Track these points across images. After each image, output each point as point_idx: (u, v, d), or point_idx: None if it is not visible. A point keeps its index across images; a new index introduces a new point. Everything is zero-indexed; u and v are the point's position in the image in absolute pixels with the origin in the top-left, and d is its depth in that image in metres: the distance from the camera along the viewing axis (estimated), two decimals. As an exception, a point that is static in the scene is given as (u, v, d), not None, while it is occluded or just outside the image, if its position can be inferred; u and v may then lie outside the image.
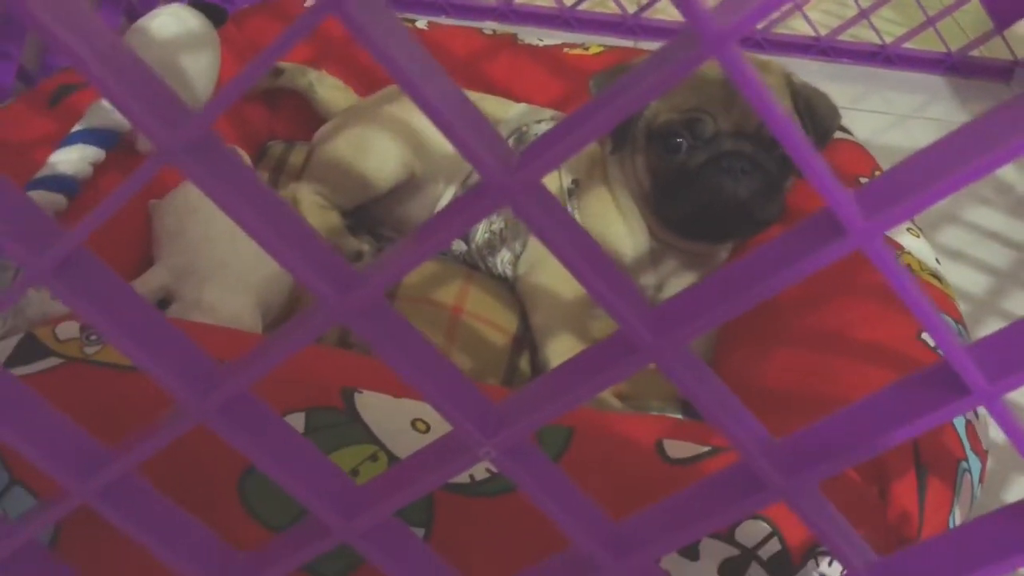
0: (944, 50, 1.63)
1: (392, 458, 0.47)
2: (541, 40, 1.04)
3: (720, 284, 0.33)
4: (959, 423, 0.55)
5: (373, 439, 0.47)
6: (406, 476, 0.38)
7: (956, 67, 1.64)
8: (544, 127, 0.85)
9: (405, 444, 0.47)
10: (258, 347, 0.35)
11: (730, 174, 0.70)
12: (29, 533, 0.41)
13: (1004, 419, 0.33)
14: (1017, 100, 0.30)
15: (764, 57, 0.78)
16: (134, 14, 1.10)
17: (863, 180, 0.81)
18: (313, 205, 0.83)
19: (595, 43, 1.07)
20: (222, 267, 0.66)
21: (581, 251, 0.32)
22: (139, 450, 0.38)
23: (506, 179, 0.30)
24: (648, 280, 0.81)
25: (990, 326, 1.06)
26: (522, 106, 0.92)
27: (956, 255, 1.16)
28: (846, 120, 1.15)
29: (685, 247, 0.79)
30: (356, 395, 0.49)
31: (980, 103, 1.57)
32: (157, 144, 0.31)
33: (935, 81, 1.63)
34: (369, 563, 0.44)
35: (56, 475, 0.39)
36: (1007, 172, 1.37)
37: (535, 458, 0.38)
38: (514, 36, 1.05)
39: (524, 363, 0.76)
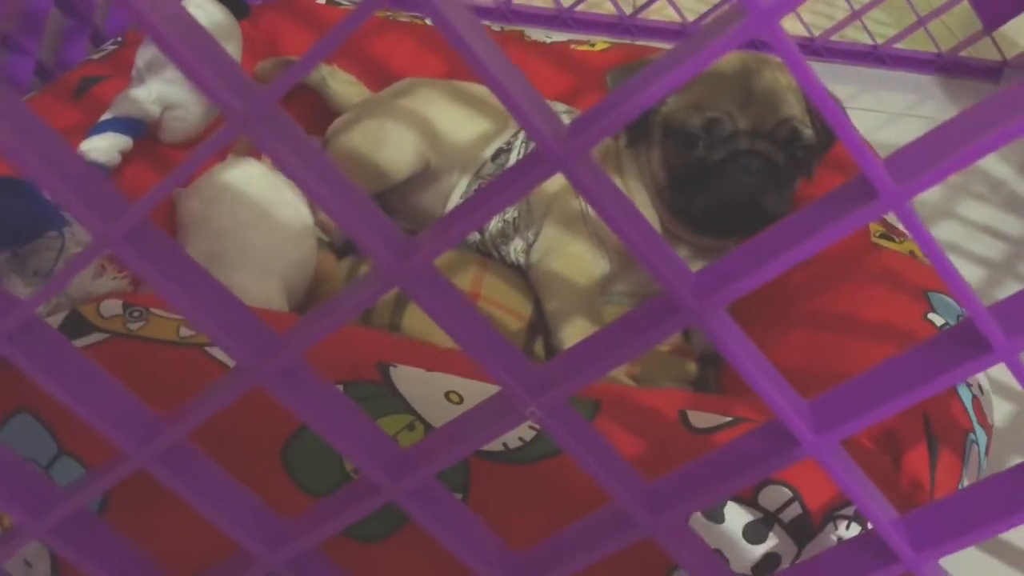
0: (935, 50, 1.66)
1: (428, 427, 0.49)
2: (548, 37, 1.07)
3: (757, 248, 0.35)
4: (966, 397, 0.58)
5: (410, 410, 0.49)
6: (453, 436, 0.40)
7: (946, 67, 1.67)
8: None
9: (440, 414, 0.49)
10: (318, 311, 0.37)
11: (746, 172, 0.72)
12: (85, 498, 0.43)
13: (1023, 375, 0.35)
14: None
15: (776, 58, 0.80)
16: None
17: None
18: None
19: (591, 39, 1.09)
20: (250, 252, 0.68)
21: (627, 217, 0.34)
22: (198, 413, 0.40)
23: (560, 148, 0.32)
24: None
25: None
26: (535, 99, 0.94)
27: (951, 248, 1.19)
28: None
29: (694, 240, 0.81)
30: (391, 369, 0.51)
31: (970, 102, 1.60)
32: (231, 115, 0.33)
33: (926, 80, 1.67)
34: (413, 522, 0.47)
35: (116, 440, 0.40)
36: (1000, 169, 1.40)
37: (575, 419, 0.40)
38: (521, 33, 1.07)
39: (539, 347, 0.78)
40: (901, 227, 0.76)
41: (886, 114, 1.54)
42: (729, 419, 0.51)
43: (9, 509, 0.43)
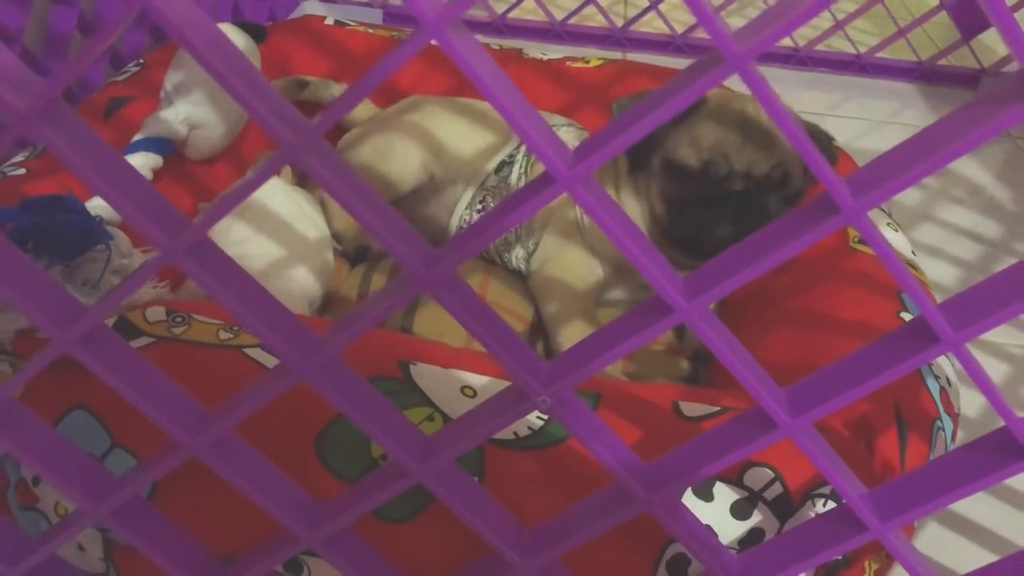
0: (915, 59, 1.72)
1: (446, 418, 0.54)
2: (544, 54, 1.12)
3: (737, 256, 0.40)
4: (934, 389, 0.63)
5: (429, 403, 0.54)
6: (473, 422, 0.45)
7: (926, 75, 1.73)
8: (558, 132, 0.92)
9: (456, 406, 0.54)
10: (354, 313, 0.42)
11: (737, 213, 0.78)
12: (143, 484, 0.48)
13: (968, 363, 0.40)
14: (972, 104, 0.38)
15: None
16: (159, 36, 1.17)
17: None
18: (339, 208, 0.90)
19: (585, 55, 1.15)
20: (274, 263, 0.73)
21: (626, 231, 0.39)
22: (247, 406, 0.45)
23: (567, 172, 0.38)
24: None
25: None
26: (536, 114, 0.99)
27: (933, 251, 1.24)
28: (825, 126, 1.23)
29: (679, 260, 0.87)
30: (411, 367, 0.56)
31: (949, 109, 1.64)
32: (284, 145, 0.38)
33: (907, 88, 1.72)
34: (435, 505, 0.52)
35: (172, 432, 0.45)
36: (978, 175, 1.46)
37: (580, 407, 0.45)
38: (520, 51, 1.12)
39: (540, 348, 0.83)
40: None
41: (869, 121, 1.59)
42: (717, 408, 0.57)
43: (73, 496, 0.48)
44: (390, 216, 0.41)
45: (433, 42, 0.35)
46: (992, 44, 1.79)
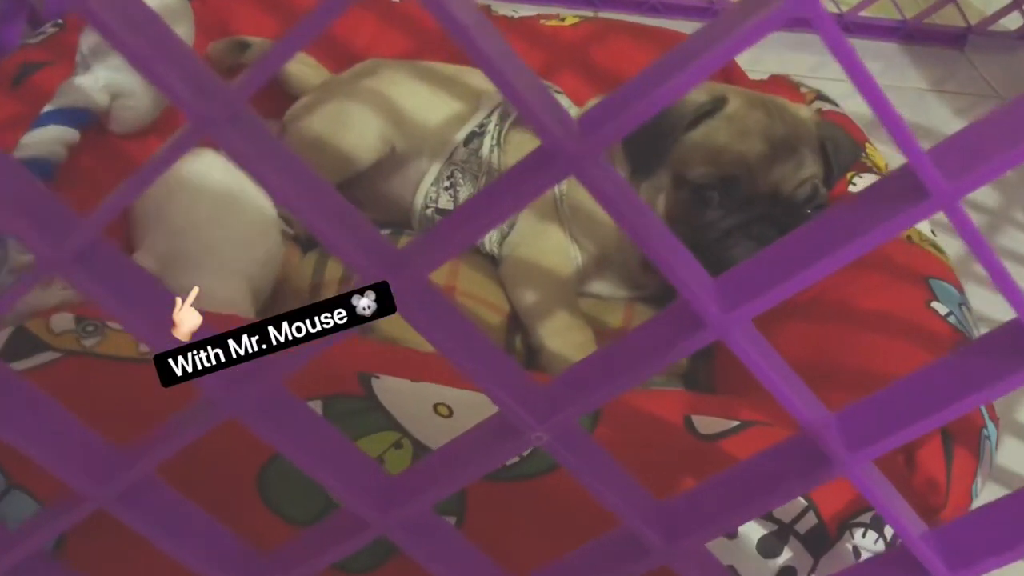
0: (899, 18, 1.65)
1: (417, 444, 0.45)
2: (516, 11, 1.02)
3: (792, 250, 0.31)
4: (977, 391, 0.55)
5: (396, 426, 0.45)
6: (448, 462, 0.36)
7: (911, 34, 1.66)
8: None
9: (429, 430, 0.45)
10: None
11: (758, 241, 0.68)
12: (37, 542, 0.39)
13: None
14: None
15: (795, 105, 0.75)
16: None
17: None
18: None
19: (558, 12, 1.06)
20: (211, 252, 0.64)
21: (646, 224, 0.30)
22: (164, 447, 0.36)
23: (574, 147, 0.29)
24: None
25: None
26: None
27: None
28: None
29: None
30: (374, 381, 0.47)
31: (935, 69, 1.58)
32: (194, 117, 0.28)
33: (891, 48, 1.65)
34: (404, 554, 0.43)
35: (73, 482, 0.36)
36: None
37: (583, 442, 0.36)
38: (488, 7, 1.02)
39: (519, 342, 0.74)
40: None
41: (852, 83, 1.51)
42: (736, 423, 0.48)
43: (-46, 555, 0.39)
44: (339, 207, 0.31)
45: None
46: (978, 3, 1.72)
